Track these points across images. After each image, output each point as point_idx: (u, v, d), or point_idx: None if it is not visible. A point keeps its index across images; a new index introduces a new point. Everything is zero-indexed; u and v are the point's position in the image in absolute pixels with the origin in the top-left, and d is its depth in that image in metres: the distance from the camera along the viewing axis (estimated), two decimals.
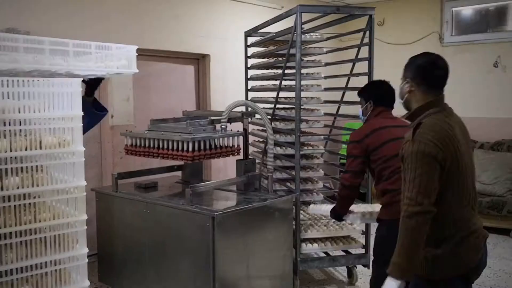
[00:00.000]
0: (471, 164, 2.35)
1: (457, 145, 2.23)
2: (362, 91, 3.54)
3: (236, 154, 4.05)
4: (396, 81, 2.73)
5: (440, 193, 2.21)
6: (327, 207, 3.74)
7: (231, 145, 3.96)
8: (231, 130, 4.00)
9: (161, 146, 3.81)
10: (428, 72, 2.35)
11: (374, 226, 3.46)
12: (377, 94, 3.44)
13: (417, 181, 2.17)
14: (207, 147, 3.74)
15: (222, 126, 3.83)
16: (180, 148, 3.66)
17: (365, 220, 3.63)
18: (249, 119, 4.47)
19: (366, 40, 4.36)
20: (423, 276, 2.30)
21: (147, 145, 3.91)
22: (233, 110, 3.93)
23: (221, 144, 3.89)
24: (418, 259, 2.21)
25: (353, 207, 3.53)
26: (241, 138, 4.06)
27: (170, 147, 3.73)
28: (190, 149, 3.61)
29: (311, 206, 3.98)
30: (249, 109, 4.54)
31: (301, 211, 4.34)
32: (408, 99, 2.41)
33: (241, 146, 4.05)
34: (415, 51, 2.50)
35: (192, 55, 5.97)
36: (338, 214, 3.57)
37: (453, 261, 2.27)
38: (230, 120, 4.00)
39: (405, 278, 2.19)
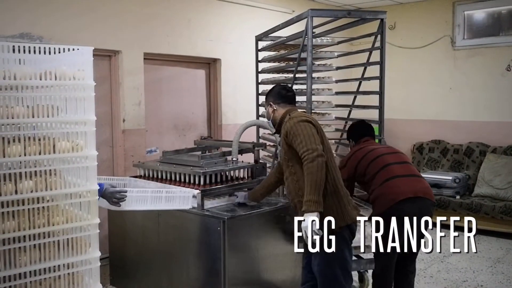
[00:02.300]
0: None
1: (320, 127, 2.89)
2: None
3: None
4: (408, 84, 2.72)
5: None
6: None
7: (242, 176, 3.99)
8: (242, 161, 4.08)
9: (173, 178, 3.88)
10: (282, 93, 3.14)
11: None
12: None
13: (307, 137, 2.74)
14: (218, 179, 3.79)
15: (233, 159, 3.89)
16: (192, 181, 3.70)
17: None
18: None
19: (377, 44, 4.35)
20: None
21: (159, 176, 3.98)
22: (244, 141, 4.07)
23: (232, 176, 3.93)
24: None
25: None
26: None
27: (182, 180, 3.79)
28: (202, 182, 3.65)
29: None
30: (260, 139, 4.51)
31: None
32: (274, 118, 3.13)
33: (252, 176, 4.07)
34: (427, 54, 2.51)
35: (203, 59, 5.99)
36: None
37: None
38: (242, 151, 4.11)
39: (320, 209, 2.66)
